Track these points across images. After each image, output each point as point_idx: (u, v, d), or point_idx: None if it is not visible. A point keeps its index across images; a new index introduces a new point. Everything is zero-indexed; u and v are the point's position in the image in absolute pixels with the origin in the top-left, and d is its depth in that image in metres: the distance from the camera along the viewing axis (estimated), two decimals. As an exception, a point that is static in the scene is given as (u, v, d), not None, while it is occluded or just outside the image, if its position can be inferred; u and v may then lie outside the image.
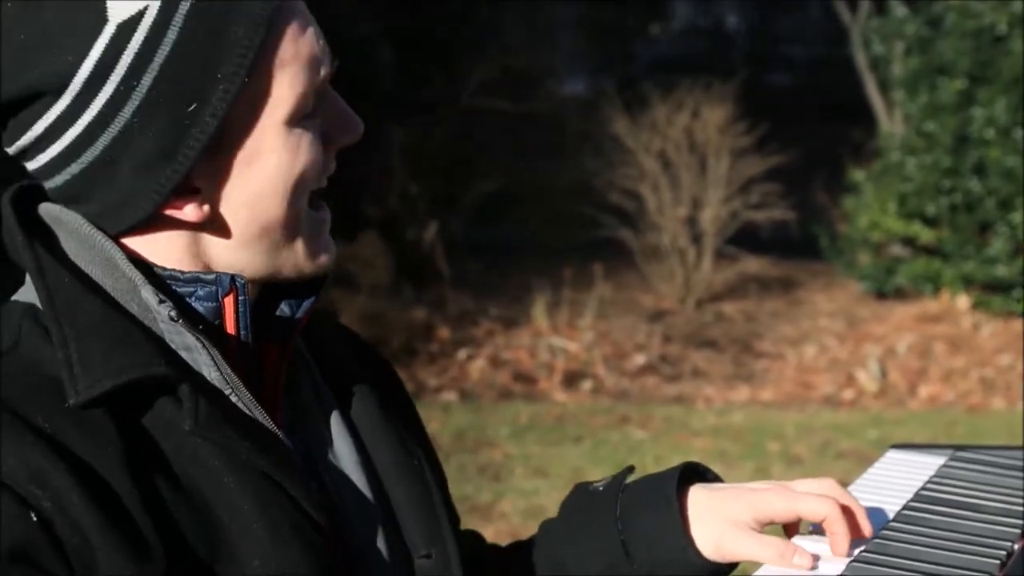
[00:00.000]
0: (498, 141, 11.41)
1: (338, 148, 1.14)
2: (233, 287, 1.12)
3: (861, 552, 1.25)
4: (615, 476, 1.37)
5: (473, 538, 1.45)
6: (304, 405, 1.21)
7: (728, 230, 10.24)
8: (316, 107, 1.11)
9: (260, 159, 1.10)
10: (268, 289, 1.18)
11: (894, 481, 1.48)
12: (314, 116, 1.12)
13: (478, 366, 8.43)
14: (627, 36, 20.57)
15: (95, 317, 1.06)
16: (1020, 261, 9.59)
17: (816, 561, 1.24)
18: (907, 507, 1.38)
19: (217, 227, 1.12)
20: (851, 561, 1.23)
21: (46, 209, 1.14)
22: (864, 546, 1.26)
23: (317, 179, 1.13)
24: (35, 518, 0.97)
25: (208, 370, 1.09)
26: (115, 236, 1.12)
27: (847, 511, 1.28)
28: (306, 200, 1.13)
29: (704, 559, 1.27)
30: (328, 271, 1.16)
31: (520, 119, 11.40)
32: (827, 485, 1.29)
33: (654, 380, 8.52)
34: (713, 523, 1.28)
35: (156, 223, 1.12)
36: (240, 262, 1.13)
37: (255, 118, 1.09)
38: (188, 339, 1.09)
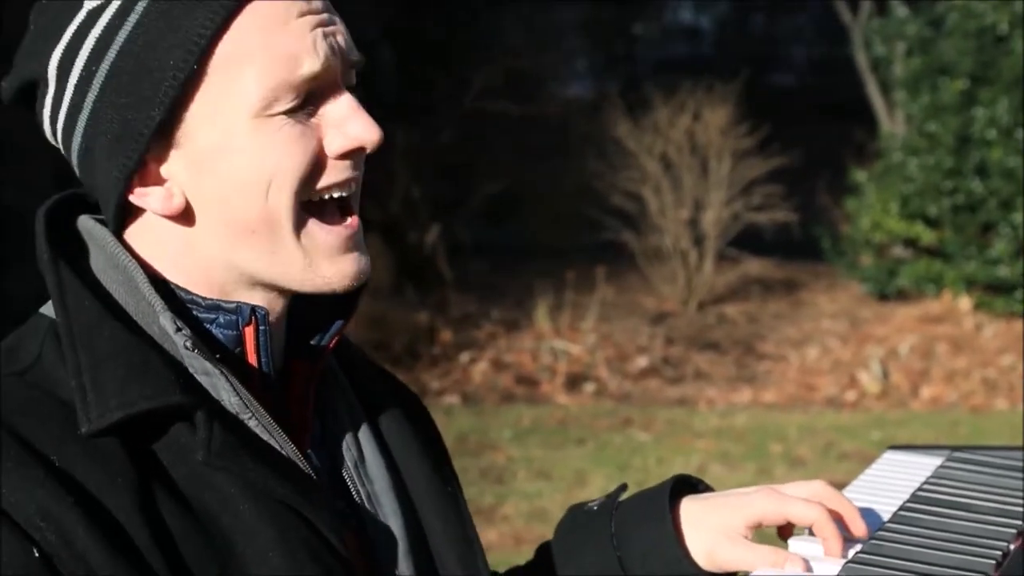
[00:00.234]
0: (500, 144, 11.42)
1: (346, 154, 1.10)
2: (254, 317, 1.11)
3: (857, 553, 1.25)
4: (608, 495, 1.38)
5: None
6: (337, 423, 1.20)
7: (730, 232, 10.24)
8: (307, 104, 1.09)
9: (229, 153, 1.07)
10: (298, 308, 1.17)
11: (891, 482, 1.48)
12: (301, 112, 1.08)
13: (480, 369, 8.44)
14: (629, 39, 20.58)
15: (113, 343, 1.05)
16: (1022, 262, 9.58)
17: (809, 564, 1.24)
18: (903, 508, 1.38)
19: (202, 225, 1.10)
20: (847, 562, 1.24)
21: (83, 222, 1.14)
22: (860, 547, 1.27)
23: (305, 179, 1.08)
24: (36, 553, 0.97)
25: (227, 395, 1.08)
26: (135, 250, 1.12)
27: (838, 513, 1.28)
28: (292, 200, 1.08)
29: (699, 569, 1.29)
30: (346, 288, 1.11)
31: (522, 122, 11.41)
32: (817, 488, 1.30)
33: (656, 382, 8.52)
34: (705, 532, 1.29)
35: (144, 222, 1.12)
36: (238, 264, 1.10)
37: (218, 110, 1.07)
38: (207, 364, 1.08)
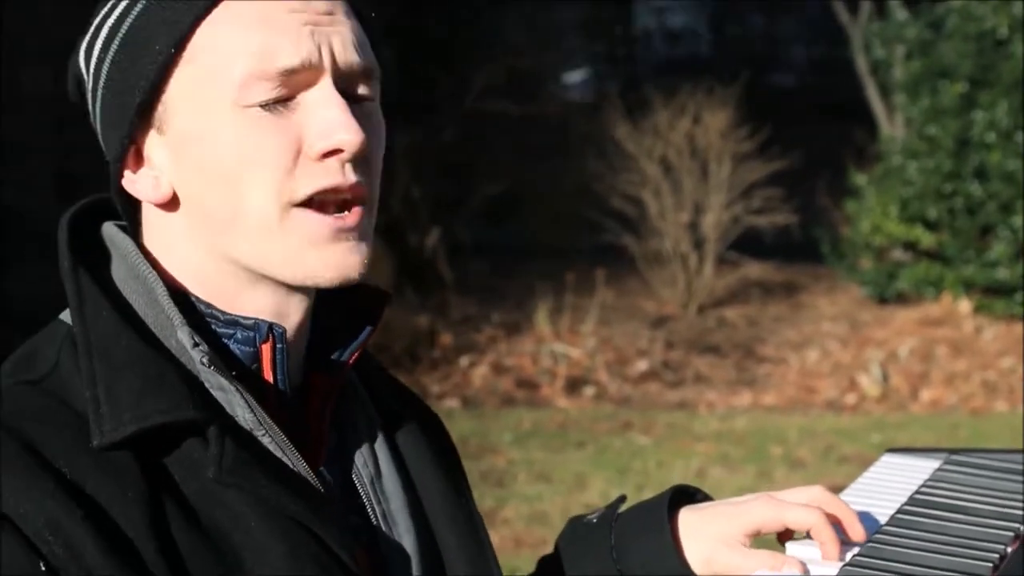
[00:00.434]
0: (500, 144, 11.42)
1: (327, 155, 1.08)
2: (271, 335, 1.11)
3: (854, 556, 1.26)
4: (608, 507, 1.39)
5: None
6: (355, 438, 1.20)
7: (730, 235, 10.24)
8: (289, 100, 1.08)
9: (205, 140, 1.08)
10: (320, 321, 1.17)
11: (889, 485, 1.48)
12: (282, 108, 1.08)
13: (480, 372, 8.44)
14: (629, 40, 20.59)
15: (129, 354, 1.05)
16: (1021, 264, 9.59)
17: (806, 568, 1.25)
18: (901, 511, 1.39)
19: (190, 214, 1.11)
20: (844, 565, 1.24)
21: (106, 229, 1.14)
22: (857, 550, 1.27)
23: (282, 176, 1.07)
24: (43, 566, 0.97)
25: (242, 412, 1.08)
26: (156, 260, 1.12)
27: (836, 518, 1.29)
28: (269, 195, 1.07)
29: None
30: (333, 283, 1.10)
31: (522, 122, 11.41)
32: (815, 493, 1.31)
33: (656, 386, 8.52)
34: (703, 542, 1.30)
35: (151, 221, 1.13)
36: (229, 253, 1.10)
37: (195, 95, 1.08)
38: (222, 380, 1.08)
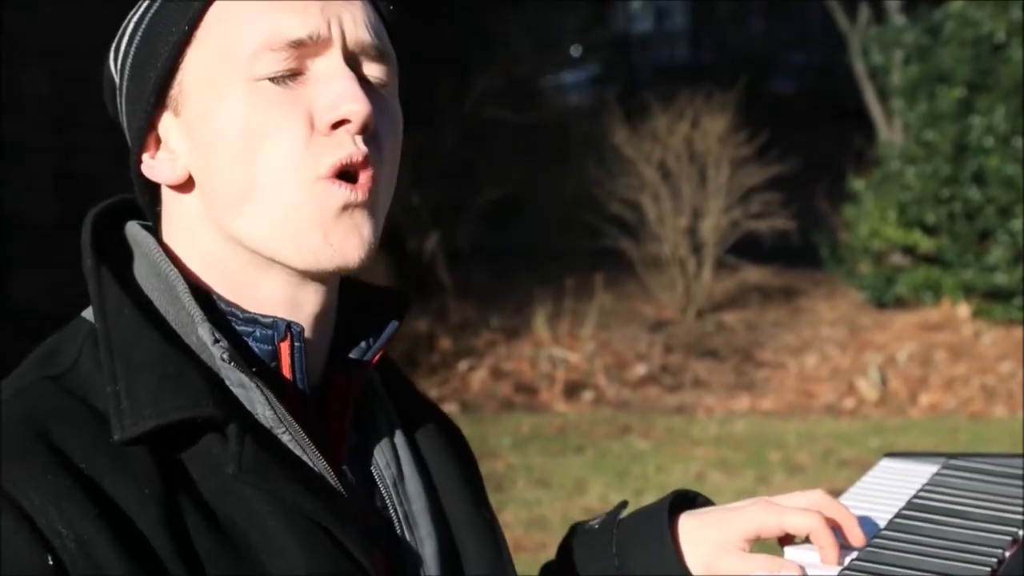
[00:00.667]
0: (499, 150, 11.43)
1: (335, 126, 1.08)
2: (289, 333, 1.11)
3: (852, 561, 1.26)
4: (609, 513, 1.39)
5: None
6: (377, 438, 1.20)
7: (728, 239, 10.25)
8: (298, 75, 1.09)
9: (220, 113, 1.08)
10: (344, 321, 1.18)
11: (887, 489, 1.49)
12: (291, 82, 1.08)
13: (479, 377, 8.44)
14: (628, 45, 20.60)
15: (150, 352, 1.06)
16: (1020, 269, 9.59)
17: (805, 571, 1.25)
18: (899, 515, 1.39)
19: (204, 192, 1.11)
20: (842, 569, 1.25)
21: (129, 228, 1.16)
22: (855, 554, 1.27)
23: (297, 149, 1.08)
24: (51, 560, 0.97)
25: (262, 409, 1.08)
26: (179, 258, 1.13)
27: (836, 522, 1.29)
28: (293, 165, 1.08)
29: None
30: (339, 268, 1.10)
31: (521, 128, 11.42)
32: (815, 497, 1.31)
33: (655, 390, 8.52)
34: (703, 546, 1.31)
35: (171, 215, 1.14)
36: (240, 237, 1.10)
37: (211, 72, 1.09)
38: (243, 377, 1.08)
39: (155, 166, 1.13)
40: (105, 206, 1.16)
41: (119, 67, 1.14)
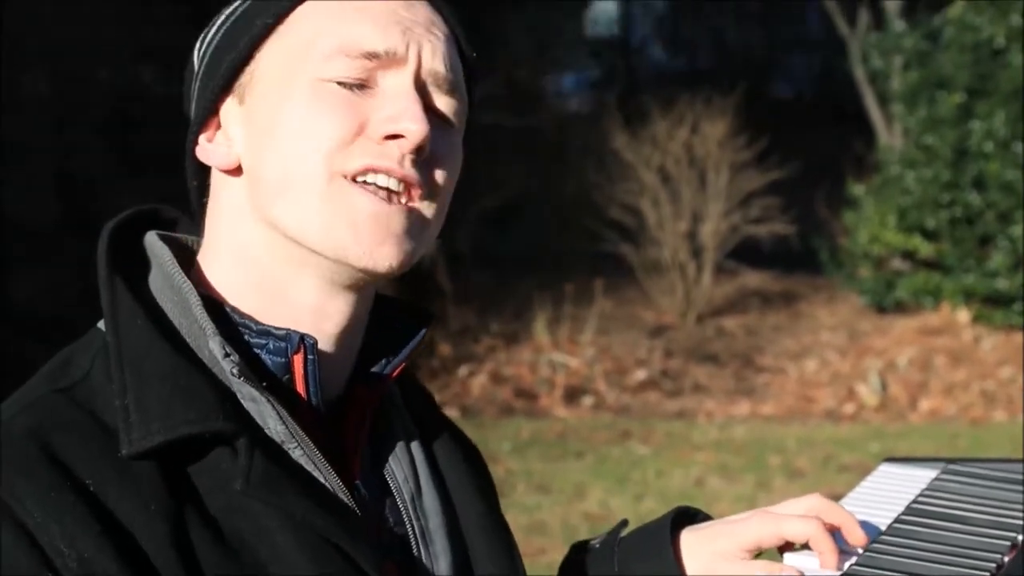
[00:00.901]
0: (499, 155, 11.44)
1: (389, 138, 1.10)
2: (302, 346, 1.11)
3: (851, 566, 1.26)
4: (610, 532, 1.39)
5: None
6: (395, 452, 1.20)
7: (728, 244, 10.25)
8: (367, 86, 1.11)
9: (282, 106, 1.10)
10: (370, 335, 1.18)
11: (886, 494, 1.49)
12: (358, 90, 1.10)
13: (479, 382, 8.44)
14: (628, 50, 20.62)
15: (161, 364, 1.06)
16: (1020, 274, 9.59)
17: None
18: (898, 520, 1.39)
19: (250, 180, 1.13)
20: (842, 574, 1.25)
21: (148, 239, 1.16)
22: (855, 559, 1.27)
23: (338, 144, 1.09)
24: None
25: (273, 423, 1.08)
26: (200, 268, 1.14)
27: (835, 525, 1.29)
28: (321, 160, 1.09)
29: None
30: (370, 267, 1.10)
31: (521, 132, 11.43)
32: (812, 502, 1.31)
33: (655, 395, 8.52)
34: (704, 559, 1.31)
35: (212, 184, 1.16)
36: (277, 223, 1.11)
37: (283, 66, 1.11)
38: (254, 391, 1.08)
39: (210, 150, 1.14)
40: (125, 217, 1.16)
41: (200, 55, 1.17)
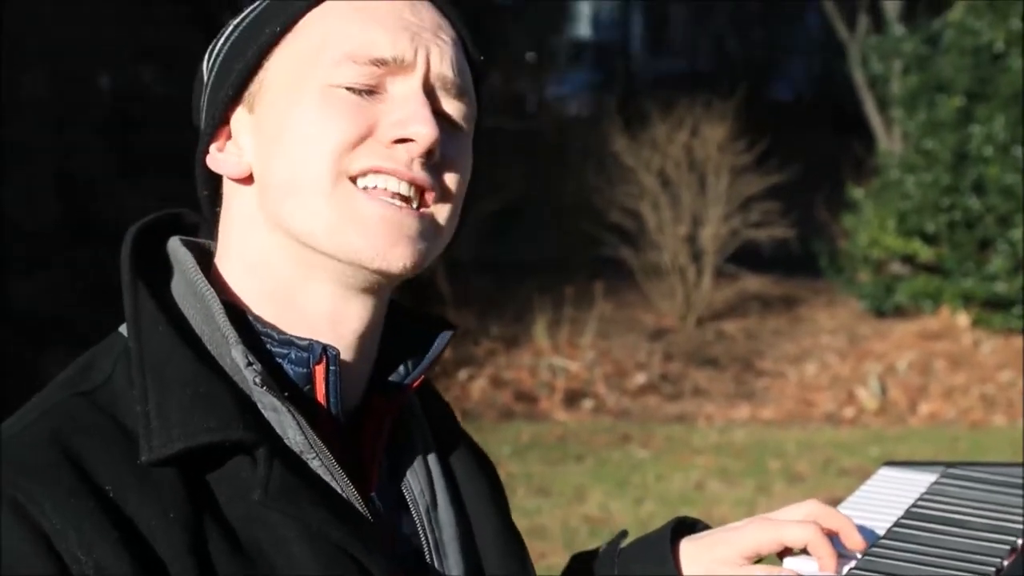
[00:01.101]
0: (499, 159, 11.44)
1: (397, 142, 1.10)
2: (324, 356, 1.11)
3: (851, 570, 1.26)
4: (610, 542, 1.40)
5: None
6: (412, 463, 1.20)
7: (728, 248, 10.25)
8: (376, 92, 1.11)
9: (291, 111, 1.11)
10: (388, 345, 1.18)
11: (885, 498, 1.49)
12: (368, 95, 1.11)
13: (479, 386, 8.44)
14: (627, 54, 20.63)
15: (182, 371, 1.06)
16: (1020, 278, 9.59)
17: None
18: (897, 524, 1.39)
19: (261, 187, 1.13)
20: (841, 578, 1.25)
21: (171, 244, 1.16)
22: (854, 563, 1.27)
23: (345, 146, 1.09)
24: None
25: (293, 433, 1.08)
26: (220, 273, 1.14)
27: (834, 530, 1.30)
28: (328, 160, 1.09)
29: None
30: (379, 268, 1.10)
31: (521, 136, 11.43)
32: (811, 508, 1.31)
33: (655, 399, 8.52)
34: (704, 567, 1.32)
35: (224, 193, 1.16)
36: (287, 226, 1.11)
37: (292, 72, 1.11)
38: (275, 401, 1.07)
39: (220, 159, 1.14)
40: (149, 221, 1.16)
41: (210, 65, 1.16)
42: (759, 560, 1.31)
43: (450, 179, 1.13)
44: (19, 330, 7.66)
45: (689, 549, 1.33)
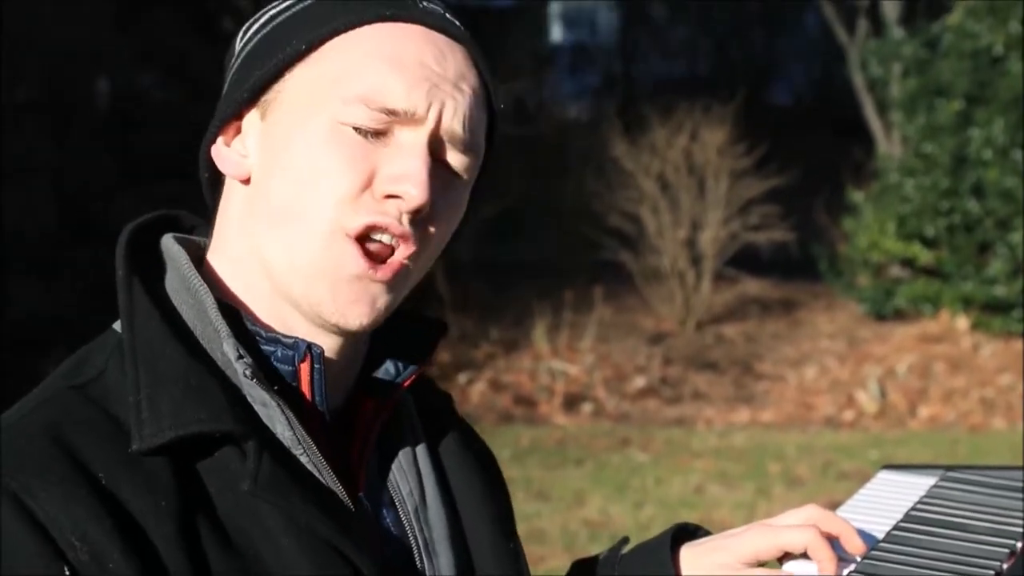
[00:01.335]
0: (499, 163, 11.43)
1: (387, 197, 1.10)
2: (309, 354, 1.12)
3: (851, 573, 1.26)
4: (611, 549, 1.40)
5: None
6: (402, 463, 1.21)
7: (728, 252, 10.25)
8: (383, 137, 1.11)
9: (299, 138, 1.11)
10: (377, 345, 1.19)
11: (885, 502, 1.49)
12: (374, 140, 1.11)
13: (478, 389, 8.44)
14: (627, 58, 20.65)
15: (175, 364, 1.07)
16: (1019, 281, 9.60)
17: None
18: (897, 527, 1.39)
19: (256, 197, 1.13)
20: (840, 582, 1.25)
21: (165, 241, 1.17)
22: (853, 567, 1.27)
23: (348, 194, 1.10)
24: (67, 571, 0.98)
25: (281, 428, 1.09)
26: (214, 270, 1.15)
27: (833, 534, 1.30)
28: (334, 210, 1.09)
29: None
30: (336, 325, 1.11)
31: (520, 141, 11.43)
32: (810, 512, 1.32)
33: (655, 402, 8.52)
34: (703, 572, 1.32)
35: (225, 186, 1.17)
36: (266, 250, 1.12)
37: (308, 96, 1.11)
38: (265, 395, 1.09)
39: (224, 155, 1.15)
40: (145, 220, 1.17)
41: (241, 48, 1.17)
42: (759, 565, 1.32)
43: (434, 229, 1.14)
44: (19, 332, 7.67)
45: (689, 555, 1.34)
